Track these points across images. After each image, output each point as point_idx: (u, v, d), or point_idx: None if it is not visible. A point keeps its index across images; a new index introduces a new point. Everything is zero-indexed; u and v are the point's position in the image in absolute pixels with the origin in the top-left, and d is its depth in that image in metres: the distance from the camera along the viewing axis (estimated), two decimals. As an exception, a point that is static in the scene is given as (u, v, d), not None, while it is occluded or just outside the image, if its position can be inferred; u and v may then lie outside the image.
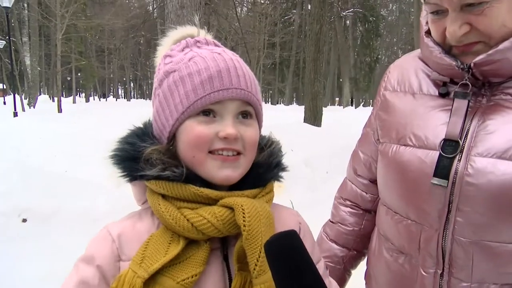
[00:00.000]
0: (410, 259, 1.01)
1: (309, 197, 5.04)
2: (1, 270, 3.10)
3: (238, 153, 0.76)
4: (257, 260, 0.69)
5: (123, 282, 0.68)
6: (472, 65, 0.89)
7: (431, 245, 0.95)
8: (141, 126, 0.83)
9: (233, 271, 0.75)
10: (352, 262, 1.27)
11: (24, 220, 3.95)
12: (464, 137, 0.90)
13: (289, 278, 0.56)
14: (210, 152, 0.75)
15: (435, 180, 0.91)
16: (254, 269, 0.69)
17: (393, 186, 1.02)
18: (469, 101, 0.91)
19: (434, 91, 1.00)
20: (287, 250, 0.58)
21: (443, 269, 0.94)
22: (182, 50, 0.81)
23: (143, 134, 0.80)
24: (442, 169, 0.91)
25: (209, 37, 0.86)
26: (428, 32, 0.99)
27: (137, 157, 0.76)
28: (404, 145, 0.99)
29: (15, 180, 4.40)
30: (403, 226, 1.01)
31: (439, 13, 0.91)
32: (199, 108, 0.74)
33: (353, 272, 1.31)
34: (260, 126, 0.84)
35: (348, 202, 1.26)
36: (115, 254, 0.74)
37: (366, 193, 1.23)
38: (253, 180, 0.80)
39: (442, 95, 0.97)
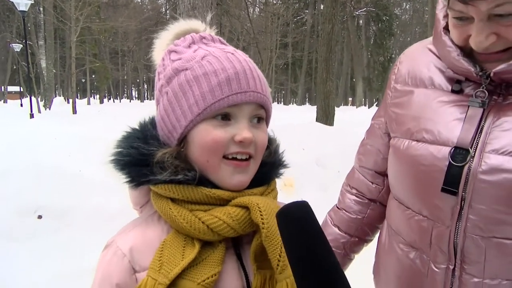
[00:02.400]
0: (421, 254, 1.00)
1: (320, 196, 5.02)
2: (18, 266, 3.16)
3: (249, 157, 0.75)
4: (280, 256, 0.69)
5: None
6: (492, 74, 0.87)
7: (442, 241, 0.94)
8: (137, 128, 0.79)
9: (248, 269, 0.76)
10: (353, 248, 1.27)
11: (40, 217, 4.02)
12: (478, 134, 0.89)
13: (300, 247, 0.56)
14: (224, 156, 0.73)
15: (445, 189, 0.90)
16: (278, 265, 0.69)
17: (405, 181, 1.01)
18: (484, 109, 0.89)
19: (447, 86, 0.98)
20: (298, 218, 0.58)
21: (455, 265, 0.93)
22: (189, 46, 0.78)
23: (144, 136, 0.76)
24: (452, 177, 0.89)
25: (213, 33, 0.83)
26: (446, 28, 0.96)
27: (143, 161, 0.73)
28: (417, 140, 0.97)
29: (31, 178, 4.48)
30: (414, 222, 1.00)
31: (463, 19, 0.87)
32: (216, 110, 0.72)
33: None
34: (267, 127, 0.84)
35: (354, 191, 1.27)
36: (129, 268, 0.72)
37: (372, 183, 1.23)
38: (260, 179, 0.79)
39: (455, 92, 0.95)
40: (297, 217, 0.57)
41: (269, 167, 0.82)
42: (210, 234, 0.70)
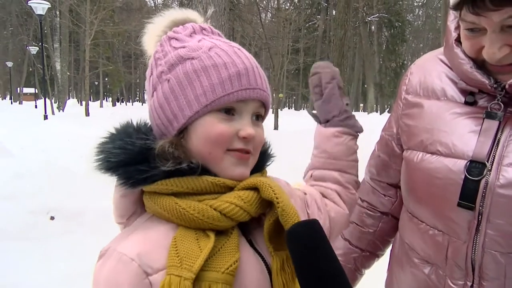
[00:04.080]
0: (437, 270, 0.97)
1: (331, 202, 5.00)
2: (30, 266, 3.20)
3: (248, 153, 0.75)
4: None
5: None
6: (507, 86, 0.85)
7: (459, 256, 0.91)
8: (116, 130, 0.74)
9: (262, 252, 0.75)
10: (364, 263, 1.24)
11: (52, 218, 4.07)
12: (495, 147, 0.87)
13: (308, 267, 0.57)
14: (228, 150, 0.73)
15: (462, 203, 0.88)
16: None
17: (419, 195, 0.99)
18: (500, 122, 0.87)
19: (460, 98, 0.95)
20: (305, 239, 0.58)
21: (473, 281, 0.90)
22: (191, 36, 0.76)
23: (128, 134, 0.72)
24: (468, 192, 0.87)
25: (206, 25, 0.81)
26: (457, 40, 0.94)
27: (137, 158, 0.69)
28: (430, 152, 0.95)
29: (44, 179, 4.54)
30: (429, 236, 0.97)
31: (475, 31, 0.85)
32: (224, 104, 0.71)
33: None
34: None
35: (365, 204, 1.24)
36: (140, 272, 0.66)
37: (384, 195, 1.20)
38: (254, 167, 0.79)
39: (468, 103, 0.93)
40: (304, 237, 0.58)
41: (261, 155, 0.82)
42: (224, 220, 0.69)
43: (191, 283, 0.62)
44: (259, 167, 0.81)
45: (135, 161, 0.69)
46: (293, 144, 7.14)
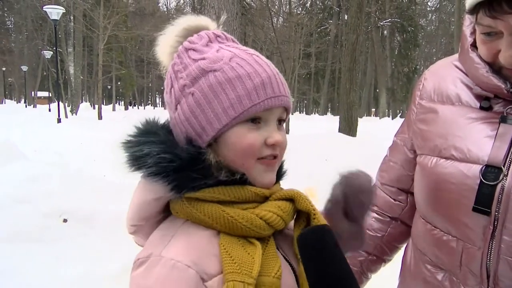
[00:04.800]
0: (450, 276, 0.96)
1: (342, 208, 4.96)
2: (43, 268, 3.23)
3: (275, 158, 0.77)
4: None
5: None
6: None
7: (474, 263, 0.90)
8: (142, 130, 0.75)
9: (290, 260, 0.79)
10: (370, 267, 1.24)
11: (65, 221, 4.11)
12: (511, 152, 0.85)
13: (316, 273, 0.57)
14: (258, 158, 0.75)
15: (477, 208, 0.87)
16: None
17: (432, 200, 0.98)
18: None
19: (475, 103, 0.95)
20: (320, 244, 0.58)
21: None
22: (207, 45, 0.77)
23: (168, 140, 0.73)
24: (484, 197, 0.86)
25: (219, 31, 0.81)
26: (473, 45, 0.94)
27: (190, 165, 0.70)
28: (445, 157, 0.94)
29: (57, 182, 4.59)
30: (442, 242, 0.96)
31: (492, 34, 0.85)
32: (252, 114, 0.72)
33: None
34: None
35: (375, 208, 1.23)
36: (198, 279, 0.65)
37: (394, 200, 1.20)
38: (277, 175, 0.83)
39: (484, 109, 0.92)
40: (314, 243, 0.60)
41: (280, 166, 0.85)
42: (267, 229, 0.72)
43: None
44: (280, 174, 0.84)
45: (187, 168, 0.70)
46: (304, 148, 7.12)
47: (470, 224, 0.89)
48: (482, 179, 0.86)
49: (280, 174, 0.84)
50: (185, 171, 0.70)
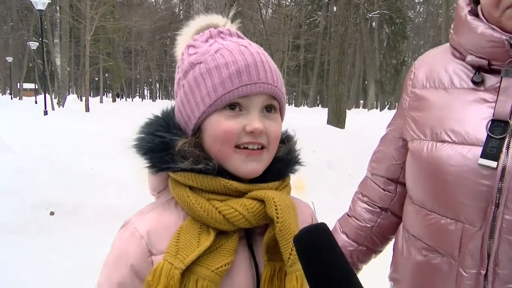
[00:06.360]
0: (448, 259, 0.96)
1: (331, 199, 5.01)
2: (30, 260, 3.21)
3: (262, 147, 0.76)
4: (291, 250, 0.72)
5: (159, 274, 0.69)
6: None
7: (473, 244, 0.90)
8: (160, 115, 0.82)
9: (258, 258, 0.78)
10: (360, 257, 1.25)
11: (52, 213, 4.08)
12: None
13: (322, 273, 0.56)
14: (236, 146, 0.75)
15: (484, 161, 0.86)
16: (289, 258, 0.72)
17: (428, 184, 0.99)
18: None
19: (468, 83, 0.96)
20: (317, 244, 0.58)
21: (487, 269, 0.88)
22: (206, 41, 0.80)
23: (167, 124, 0.79)
24: (491, 150, 0.85)
25: (233, 28, 0.86)
26: (470, 13, 0.95)
27: (164, 148, 0.76)
28: (441, 141, 0.95)
29: (44, 175, 4.54)
30: (440, 226, 0.96)
31: None
32: (226, 101, 0.74)
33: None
34: (282, 120, 0.85)
35: (366, 199, 1.25)
36: (146, 250, 0.74)
37: (383, 190, 1.21)
38: (275, 174, 0.81)
39: (476, 83, 0.93)
40: (312, 243, 0.58)
41: (285, 163, 0.83)
42: (226, 224, 0.73)
43: (180, 273, 0.68)
44: (282, 174, 0.83)
45: (162, 151, 0.76)
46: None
47: (471, 204, 0.89)
48: (489, 133, 0.87)
49: (281, 171, 0.82)
50: (159, 153, 0.76)
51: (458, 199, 0.91)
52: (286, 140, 0.86)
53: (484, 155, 0.86)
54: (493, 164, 0.85)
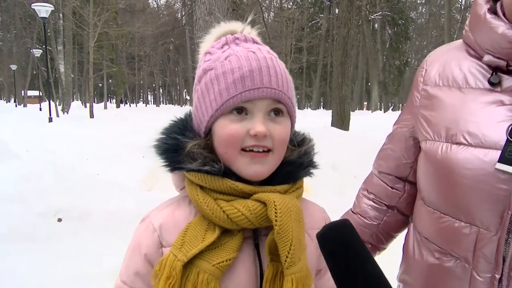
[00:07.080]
0: (461, 263, 0.94)
1: (336, 201, 5.00)
2: (38, 267, 3.22)
3: (268, 150, 0.78)
4: (288, 253, 0.74)
5: (165, 265, 0.74)
6: None
7: (489, 248, 0.88)
8: (183, 117, 0.87)
9: (263, 258, 0.81)
10: None
11: (60, 220, 4.10)
12: None
13: (348, 269, 0.57)
14: (242, 149, 0.77)
15: (501, 166, 0.84)
16: (285, 260, 0.74)
17: (442, 187, 0.96)
18: None
19: (484, 83, 0.92)
20: (341, 241, 0.58)
21: (501, 274, 0.87)
22: (221, 48, 0.83)
23: (184, 127, 0.84)
24: (510, 154, 0.83)
25: (253, 34, 0.88)
26: (489, 11, 0.92)
27: (178, 149, 0.81)
28: (457, 143, 0.92)
29: (50, 181, 4.57)
30: (454, 229, 0.94)
31: None
32: (231, 106, 0.77)
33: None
34: (293, 123, 0.86)
35: (372, 196, 1.23)
36: (157, 242, 0.81)
37: (391, 188, 1.19)
38: (284, 177, 0.82)
39: (493, 85, 0.90)
40: (336, 239, 0.59)
41: (296, 166, 0.84)
42: (229, 223, 0.76)
43: (181, 265, 0.73)
44: (292, 177, 0.84)
45: (175, 152, 0.81)
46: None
47: (487, 209, 0.87)
48: (509, 138, 0.85)
49: (291, 174, 0.83)
50: (173, 153, 0.81)
51: (473, 202, 0.89)
52: (301, 143, 0.88)
53: (502, 159, 0.84)
54: (511, 169, 0.83)
